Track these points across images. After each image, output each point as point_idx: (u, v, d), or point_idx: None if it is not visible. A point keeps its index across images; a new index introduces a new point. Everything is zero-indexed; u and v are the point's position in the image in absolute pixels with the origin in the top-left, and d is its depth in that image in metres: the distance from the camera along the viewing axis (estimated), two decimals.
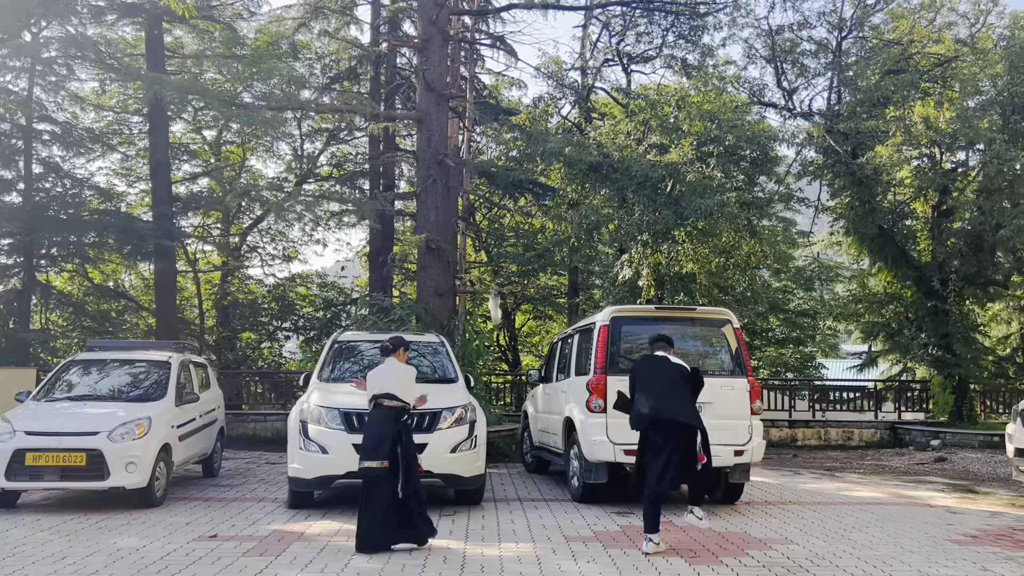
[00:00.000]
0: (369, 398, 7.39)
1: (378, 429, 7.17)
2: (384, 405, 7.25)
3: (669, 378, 7.34)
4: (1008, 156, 16.73)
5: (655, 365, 7.53)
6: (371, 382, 7.41)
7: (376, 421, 7.26)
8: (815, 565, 6.67)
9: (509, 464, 13.77)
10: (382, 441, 7.07)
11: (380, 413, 7.26)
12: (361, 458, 7.18)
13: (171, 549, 7.01)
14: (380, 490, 7.03)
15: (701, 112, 18.03)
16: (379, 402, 7.28)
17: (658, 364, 7.52)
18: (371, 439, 7.17)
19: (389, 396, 7.26)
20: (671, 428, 7.14)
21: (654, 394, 7.24)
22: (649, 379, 7.38)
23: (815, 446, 17.84)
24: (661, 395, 7.23)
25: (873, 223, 18.60)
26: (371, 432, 7.23)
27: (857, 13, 20.38)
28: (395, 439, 7.11)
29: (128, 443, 8.75)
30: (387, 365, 7.51)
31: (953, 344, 18.50)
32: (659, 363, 7.53)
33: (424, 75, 15.04)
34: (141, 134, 21.61)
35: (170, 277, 18.48)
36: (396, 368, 7.49)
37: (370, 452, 7.10)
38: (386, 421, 7.18)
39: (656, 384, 7.31)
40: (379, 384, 7.34)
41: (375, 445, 7.09)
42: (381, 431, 7.14)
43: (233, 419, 16.11)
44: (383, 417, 7.22)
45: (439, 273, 14.97)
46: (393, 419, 7.19)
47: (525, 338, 28.66)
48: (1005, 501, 10.44)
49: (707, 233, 18.02)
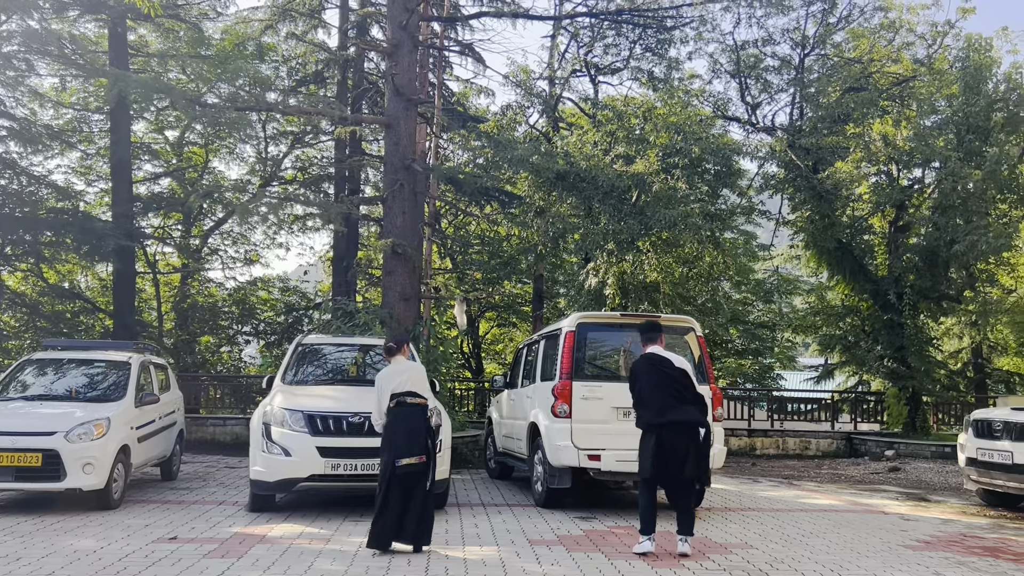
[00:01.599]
0: (388, 397, 7.32)
1: (409, 426, 7.19)
2: (408, 403, 7.27)
3: (669, 379, 7.30)
4: (962, 174, 17.16)
5: (649, 367, 7.42)
6: (386, 382, 7.37)
7: (405, 418, 7.24)
8: (774, 569, 6.78)
9: (472, 470, 13.77)
10: (416, 437, 7.14)
11: (406, 410, 7.26)
12: (395, 456, 7.09)
13: (130, 551, 6.90)
14: (417, 486, 7.08)
15: (667, 124, 18.25)
16: (402, 400, 7.27)
17: (653, 365, 7.41)
18: (403, 436, 7.15)
19: (412, 393, 7.30)
20: (679, 432, 7.17)
21: (656, 398, 7.24)
22: (648, 382, 7.33)
23: (773, 455, 18.09)
24: (663, 399, 7.22)
25: (832, 237, 18.95)
26: (402, 429, 7.19)
27: (819, 31, 20.80)
28: (428, 434, 7.21)
29: (86, 444, 8.60)
30: (398, 364, 7.52)
31: (908, 357, 18.88)
32: (654, 363, 7.42)
33: (393, 79, 15.03)
34: (102, 132, 21.25)
35: (129, 278, 18.16)
36: (409, 366, 7.56)
37: (405, 449, 7.10)
38: (415, 417, 7.23)
39: (656, 388, 7.27)
40: (398, 383, 7.33)
41: (410, 442, 7.11)
42: (413, 427, 7.18)
43: (192, 423, 15.88)
44: (411, 414, 7.25)
45: (405, 278, 14.93)
46: (420, 415, 7.26)
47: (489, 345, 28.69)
48: (956, 509, 10.70)
49: (671, 243, 18.23)
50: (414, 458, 7.08)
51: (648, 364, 7.44)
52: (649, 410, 7.28)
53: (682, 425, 7.19)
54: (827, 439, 18.66)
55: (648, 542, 7.17)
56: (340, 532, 7.93)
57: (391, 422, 7.26)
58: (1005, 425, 10.13)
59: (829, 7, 20.37)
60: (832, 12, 20.54)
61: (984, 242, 16.72)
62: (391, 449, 7.13)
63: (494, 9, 16.93)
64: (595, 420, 9.28)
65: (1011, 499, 10.68)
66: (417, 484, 7.11)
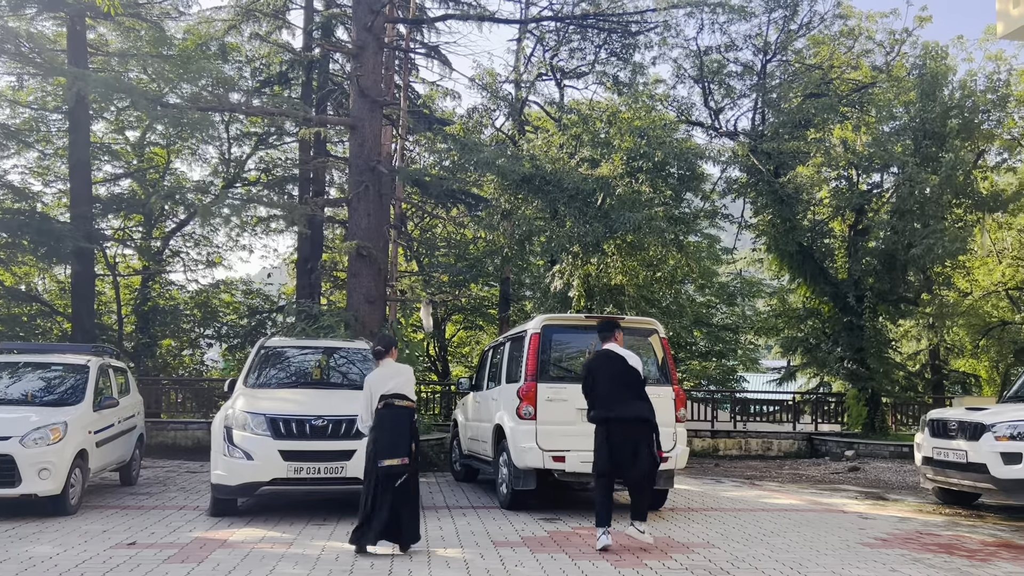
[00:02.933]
0: (378, 399, 7.36)
1: (395, 428, 7.23)
2: (397, 405, 7.31)
3: (621, 374, 7.51)
4: (919, 179, 17.52)
5: (606, 361, 7.65)
6: (378, 384, 7.41)
7: (392, 420, 7.27)
8: (735, 567, 6.86)
9: (438, 473, 13.74)
10: (400, 439, 7.19)
11: (393, 412, 7.30)
12: (379, 457, 7.13)
13: (87, 556, 6.78)
14: (403, 487, 7.12)
15: (631, 128, 18.40)
16: (391, 402, 7.30)
17: (610, 359, 7.63)
18: (388, 438, 7.19)
19: (400, 396, 7.34)
20: (628, 426, 7.38)
21: (609, 392, 7.46)
22: (603, 376, 7.54)
23: (736, 456, 18.30)
24: (615, 393, 7.44)
25: (793, 240, 19.22)
26: (388, 431, 7.23)
27: (781, 38, 21.11)
28: (412, 437, 7.27)
29: (42, 448, 8.42)
30: (388, 367, 7.56)
31: (867, 359, 19.21)
32: (611, 358, 7.64)
33: (358, 81, 14.97)
34: (60, 132, 20.86)
35: (88, 281, 17.85)
36: (399, 368, 7.59)
37: (389, 450, 7.14)
38: (401, 420, 7.28)
39: (610, 382, 7.49)
40: (388, 385, 7.37)
41: (394, 443, 7.16)
42: (399, 429, 7.23)
43: (152, 427, 15.64)
44: (398, 415, 7.29)
45: (370, 280, 14.87)
46: (407, 418, 7.32)
47: (455, 348, 28.67)
48: (913, 507, 10.91)
49: (635, 247, 18.37)
50: (396, 460, 7.12)
51: (604, 359, 7.70)
52: (601, 403, 7.51)
53: (632, 421, 7.42)
54: (789, 440, 18.92)
55: (605, 536, 7.28)
56: (303, 536, 7.86)
57: (378, 423, 7.30)
58: (960, 425, 10.34)
59: (790, 14, 20.69)
60: (793, 19, 20.87)
61: (940, 246, 17.07)
62: (376, 450, 7.18)
63: (460, 12, 16.93)
64: (560, 422, 9.32)
65: (966, 497, 10.92)
66: (405, 485, 7.16)
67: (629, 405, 7.46)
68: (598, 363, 7.71)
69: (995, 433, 9.75)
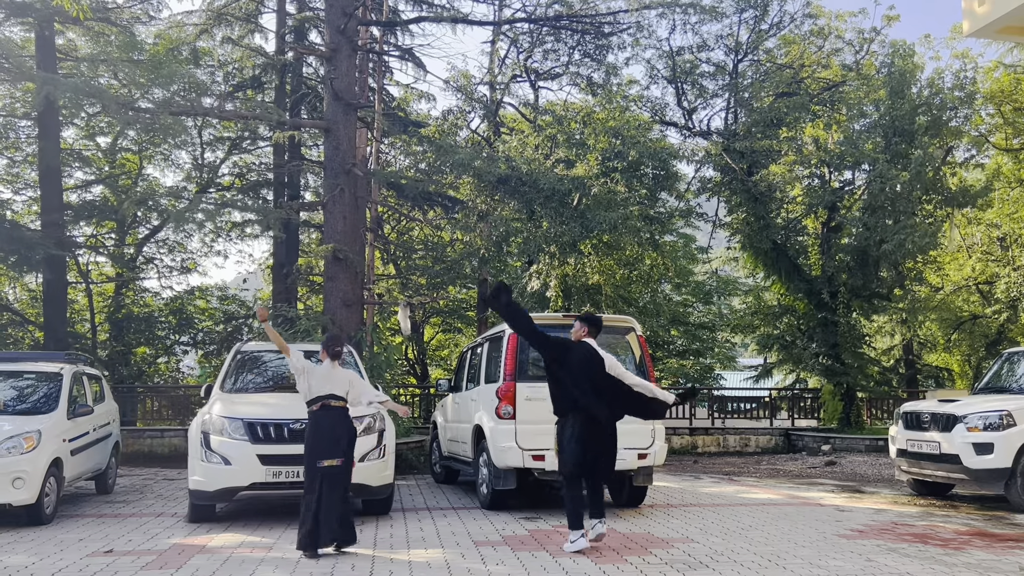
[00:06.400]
0: (314, 399, 7.38)
1: (333, 429, 7.28)
2: (332, 406, 7.35)
3: (593, 370, 7.42)
4: (890, 175, 17.75)
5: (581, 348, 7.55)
6: (317, 384, 7.40)
7: (329, 420, 7.31)
8: (715, 561, 6.92)
9: (418, 475, 13.72)
10: (339, 439, 7.25)
11: (329, 413, 7.34)
12: (319, 457, 7.18)
13: (63, 565, 6.70)
14: (335, 488, 7.17)
15: (606, 128, 18.48)
16: (326, 403, 7.34)
17: (584, 353, 7.52)
18: (328, 438, 7.24)
19: (335, 396, 7.38)
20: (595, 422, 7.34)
21: (577, 386, 7.35)
22: (574, 369, 7.41)
23: (714, 452, 18.43)
24: (585, 388, 7.34)
25: (767, 238, 19.40)
26: (326, 432, 7.27)
27: (752, 37, 21.32)
28: (350, 438, 7.35)
29: (15, 458, 8.32)
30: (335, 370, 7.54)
31: (842, 354, 19.42)
32: (585, 352, 7.53)
33: (332, 84, 14.91)
34: (29, 139, 20.58)
35: (60, 289, 17.61)
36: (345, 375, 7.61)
37: (329, 451, 7.19)
38: (337, 420, 7.33)
39: (580, 375, 7.38)
40: (326, 387, 7.39)
41: (333, 443, 7.22)
42: (336, 431, 7.28)
43: (128, 435, 15.49)
44: (334, 416, 7.34)
45: (347, 284, 14.81)
46: (343, 418, 7.37)
47: (434, 351, 28.60)
48: (888, 499, 11.05)
49: (612, 246, 18.46)
50: (336, 460, 7.21)
51: (580, 347, 7.57)
52: (568, 393, 7.38)
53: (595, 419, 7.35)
54: (766, 436, 19.10)
55: (582, 539, 7.24)
56: (283, 540, 7.83)
57: (314, 425, 7.33)
58: (932, 416, 10.50)
59: (761, 14, 20.90)
60: (764, 19, 21.08)
61: (911, 241, 17.32)
62: (314, 451, 7.23)
63: (433, 14, 16.92)
64: (539, 421, 9.30)
65: (939, 488, 11.09)
66: (338, 485, 7.21)
67: (596, 403, 7.35)
68: (574, 348, 7.54)
69: (967, 424, 9.92)
